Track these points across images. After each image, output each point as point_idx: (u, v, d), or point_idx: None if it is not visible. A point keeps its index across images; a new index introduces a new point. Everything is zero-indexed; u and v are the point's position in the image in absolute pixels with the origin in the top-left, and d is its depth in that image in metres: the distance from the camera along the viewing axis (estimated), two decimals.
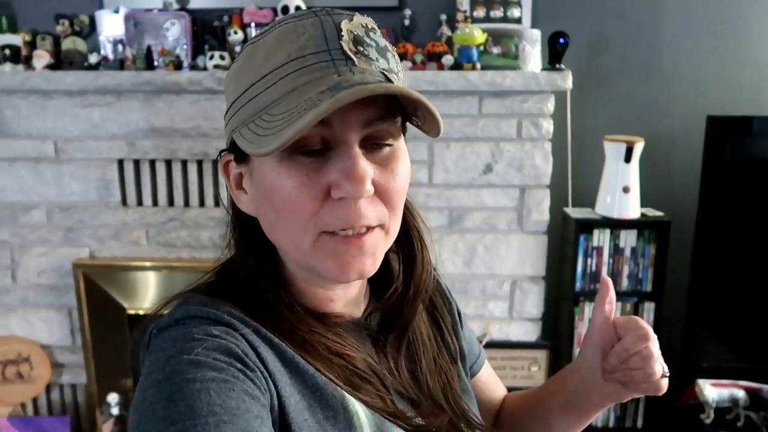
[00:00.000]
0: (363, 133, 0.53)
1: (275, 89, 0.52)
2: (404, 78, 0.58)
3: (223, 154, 0.61)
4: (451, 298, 0.78)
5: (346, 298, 0.64)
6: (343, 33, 0.52)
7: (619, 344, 0.68)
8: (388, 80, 0.53)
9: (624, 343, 0.67)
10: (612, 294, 0.70)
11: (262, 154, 0.51)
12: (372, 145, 0.55)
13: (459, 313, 0.79)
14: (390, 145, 0.56)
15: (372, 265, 0.57)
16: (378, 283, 0.68)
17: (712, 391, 1.97)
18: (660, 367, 0.67)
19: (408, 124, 0.60)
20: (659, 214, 2.07)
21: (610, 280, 0.71)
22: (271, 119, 0.52)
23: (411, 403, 0.64)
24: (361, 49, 0.53)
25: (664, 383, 0.67)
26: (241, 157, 0.58)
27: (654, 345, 0.67)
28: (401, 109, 0.56)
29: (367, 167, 0.52)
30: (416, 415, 0.63)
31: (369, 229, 0.55)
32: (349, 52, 0.52)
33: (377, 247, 0.57)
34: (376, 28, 0.56)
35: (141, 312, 2.20)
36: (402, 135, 0.59)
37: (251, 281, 0.61)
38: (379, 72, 0.53)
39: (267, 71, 0.53)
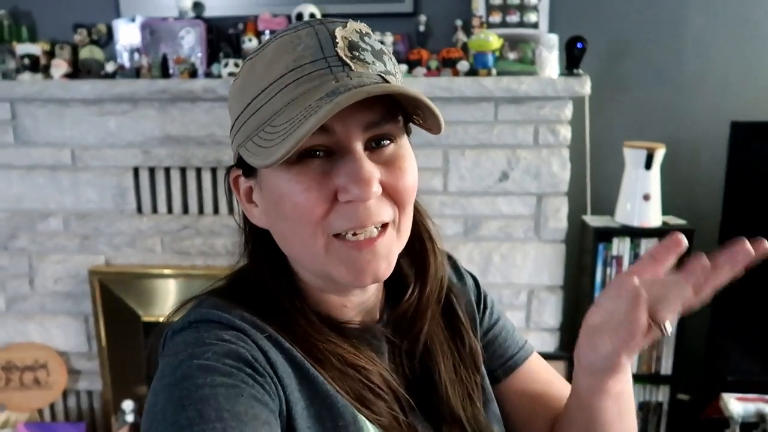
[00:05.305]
0: (365, 136, 0.54)
1: (276, 101, 0.53)
2: (402, 79, 0.58)
3: (231, 170, 0.62)
4: (472, 290, 0.75)
5: (361, 305, 0.64)
6: (337, 40, 0.53)
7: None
8: (386, 82, 0.53)
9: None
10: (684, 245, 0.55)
11: (267, 165, 0.52)
12: (374, 144, 0.55)
13: (486, 302, 0.76)
14: (392, 142, 0.56)
15: (386, 268, 0.57)
16: (391, 289, 0.67)
17: (738, 405, 1.91)
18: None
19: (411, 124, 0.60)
20: (681, 222, 2.02)
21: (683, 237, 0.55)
22: (274, 130, 0.52)
23: (429, 421, 0.63)
24: (357, 53, 0.53)
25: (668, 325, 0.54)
26: (249, 171, 0.59)
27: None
28: (402, 109, 0.56)
29: (372, 169, 0.53)
30: None
31: (382, 229, 0.56)
32: (345, 58, 0.53)
33: (390, 249, 0.57)
34: (371, 32, 0.57)
35: (156, 319, 2.20)
36: (406, 135, 0.59)
37: (265, 290, 0.61)
38: (376, 74, 0.54)
39: (267, 84, 0.54)
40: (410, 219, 0.59)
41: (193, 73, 2.03)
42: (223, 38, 2.12)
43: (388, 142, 0.56)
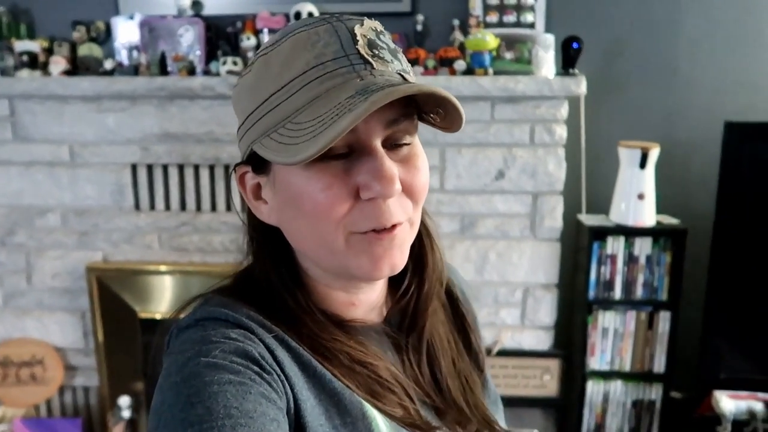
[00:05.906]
0: (385, 134, 0.54)
1: (298, 97, 0.52)
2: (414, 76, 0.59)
3: (237, 166, 0.61)
4: (469, 303, 0.77)
5: (368, 303, 0.64)
6: (357, 38, 0.53)
7: None
8: (405, 80, 0.54)
9: None
10: None
11: (294, 162, 0.51)
12: (392, 144, 0.55)
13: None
14: (409, 144, 0.57)
15: (401, 258, 0.57)
16: (394, 290, 0.68)
17: (730, 403, 1.92)
18: None
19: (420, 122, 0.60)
20: (675, 221, 2.03)
21: None
22: (298, 127, 0.52)
23: (436, 411, 0.64)
24: (376, 52, 0.54)
25: None
26: (260, 167, 0.58)
27: None
28: (417, 106, 0.57)
29: (393, 167, 0.53)
30: (442, 425, 0.62)
31: (398, 223, 0.56)
32: (366, 56, 0.53)
33: (404, 240, 0.57)
34: (385, 30, 0.57)
35: (152, 316, 2.21)
36: (416, 131, 0.60)
37: (271, 288, 0.61)
38: (396, 73, 0.54)
39: (287, 80, 0.53)
40: (420, 213, 0.60)
41: (191, 71, 2.03)
42: (221, 36, 2.13)
43: (406, 143, 0.56)
